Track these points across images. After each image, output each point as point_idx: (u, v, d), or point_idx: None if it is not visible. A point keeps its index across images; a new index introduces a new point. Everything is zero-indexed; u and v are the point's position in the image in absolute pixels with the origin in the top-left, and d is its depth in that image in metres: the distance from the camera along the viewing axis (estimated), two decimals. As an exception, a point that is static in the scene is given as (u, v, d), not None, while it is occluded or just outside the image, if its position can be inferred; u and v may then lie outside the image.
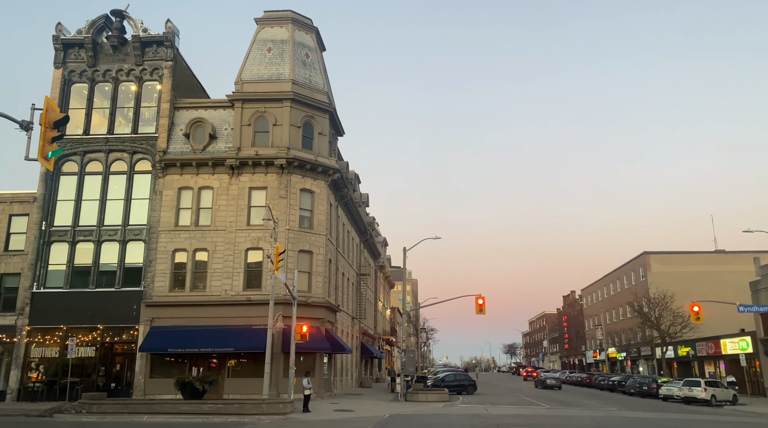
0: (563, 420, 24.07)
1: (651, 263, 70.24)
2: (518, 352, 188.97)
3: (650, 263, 70.27)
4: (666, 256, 70.67)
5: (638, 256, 73.81)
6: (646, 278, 69.31)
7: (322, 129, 36.20)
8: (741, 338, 48.09)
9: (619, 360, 79.82)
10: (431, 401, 33.04)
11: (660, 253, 71.39)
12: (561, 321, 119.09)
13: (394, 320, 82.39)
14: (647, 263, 70.60)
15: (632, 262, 76.01)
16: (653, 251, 71.64)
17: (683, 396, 38.10)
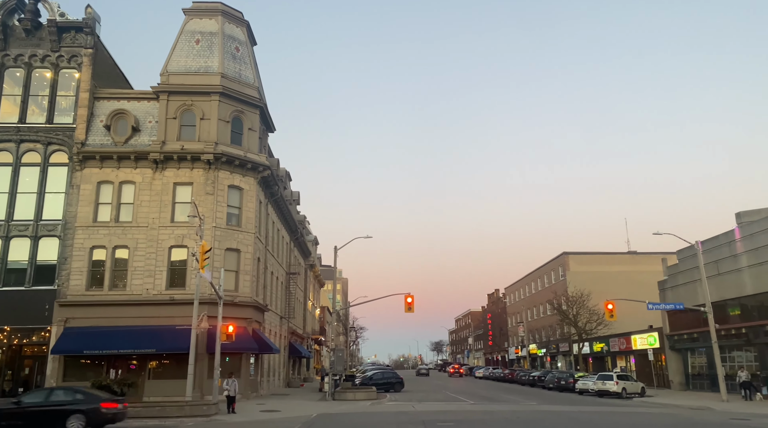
0: (487, 415, 24.83)
1: (570, 263, 73.63)
2: (445, 349, 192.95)
3: (569, 263, 73.65)
4: (583, 256, 74.28)
5: (558, 256, 77.15)
6: (565, 278, 72.56)
7: (252, 125, 35.53)
8: (649, 334, 51.30)
9: (540, 356, 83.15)
10: (359, 399, 33.18)
11: (578, 253, 74.95)
12: (486, 318, 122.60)
13: (324, 319, 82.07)
14: (566, 263, 73.95)
15: (552, 262, 79.35)
16: (572, 252, 75.12)
17: (597, 390, 40.21)
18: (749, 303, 39.26)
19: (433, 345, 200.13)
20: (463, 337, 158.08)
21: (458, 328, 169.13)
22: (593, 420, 23.37)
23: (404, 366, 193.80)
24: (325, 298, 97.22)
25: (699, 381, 44.78)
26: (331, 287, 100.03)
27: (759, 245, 37.95)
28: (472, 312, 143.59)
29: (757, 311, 38.48)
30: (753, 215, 40.44)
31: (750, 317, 38.98)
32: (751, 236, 38.90)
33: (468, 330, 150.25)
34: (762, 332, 37.27)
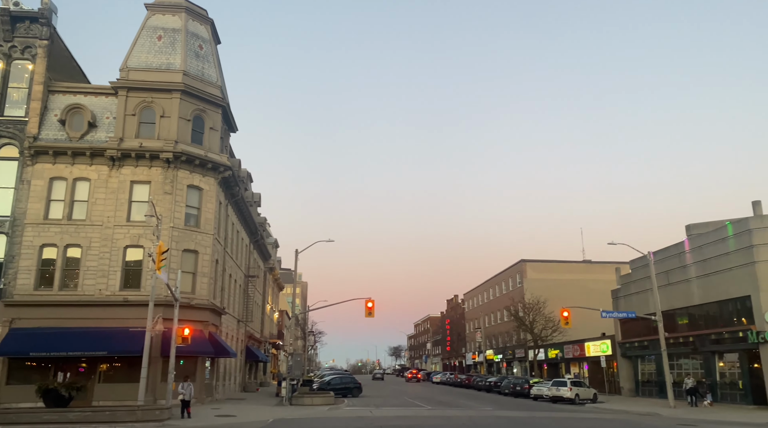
0: (444, 421, 24.99)
1: (527, 270, 74.99)
2: (403, 354, 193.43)
3: (526, 270, 75.01)
4: (540, 264, 75.78)
5: (516, 263, 78.47)
6: (522, 285, 73.82)
7: (214, 124, 34.98)
8: (602, 341, 52.64)
9: (496, 362, 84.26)
10: (317, 404, 32.93)
11: (535, 261, 76.42)
12: (444, 324, 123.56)
13: (282, 323, 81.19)
14: (524, 270, 75.28)
15: (511, 269, 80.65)
16: (529, 259, 76.54)
17: (551, 396, 40.99)
18: (696, 313, 40.76)
19: (392, 350, 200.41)
20: (422, 342, 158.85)
21: (417, 333, 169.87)
22: (547, 425, 23.79)
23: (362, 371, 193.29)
24: (284, 302, 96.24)
25: (648, 388, 46.16)
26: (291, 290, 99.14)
27: (706, 257, 39.46)
28: (432, 318, 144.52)
29: (703, 320, 39.97)
30: (702, 227, 42.04)
31: (697, 326, 40.45)
32: (700, 248, 40.42)
33: (427, 335, 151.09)
34: (708, 340, 38.71)
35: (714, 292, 38.46)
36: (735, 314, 36.87)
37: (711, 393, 36.87)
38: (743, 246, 35.99)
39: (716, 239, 38.83)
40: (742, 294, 35.75)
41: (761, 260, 34.70)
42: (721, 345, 37.72)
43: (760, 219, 35.96)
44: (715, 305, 38.72)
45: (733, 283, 36.59)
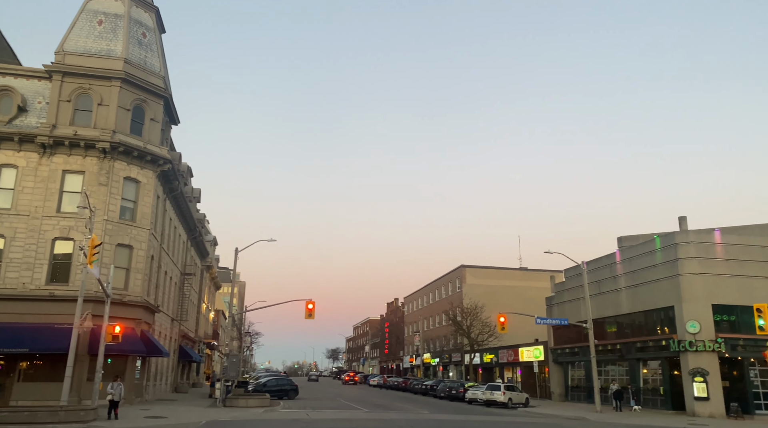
0: (381, 424, 25.01)
1: (466, 275, 76.34)
2: (341, 357, 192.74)
3: (466, 275, 76.35)
4: (480, 270, 77.32)
5: (456, 269, 79.73)
6: (461, 290, 75.07)
7: (155, 115, 33.80)
8: (535, 347, 54.18)
9: (433, 366, 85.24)
10: (252, 406, 32.28)
11: (475, 267, 77.90)
12: (383, 327, 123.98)
13: (218, 323, 79.27)
14: (463, 275, 76.60)
15: (450, 274, 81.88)
16: (469, 265, 77.95)
17: (486, 400, 41.81)
18: (624, 321, 42.61)
19: (330, 352, 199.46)
20: (360, 345, 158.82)
21: (356, 336, 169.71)
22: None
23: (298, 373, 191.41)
24: (220, 301, 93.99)
25: (577, 393, 47.83)
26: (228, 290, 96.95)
27: (636, 268, 41.34)
28: (371, 320, 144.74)
29: (630, 328, 41.83)
30: (632, 240, 44.01)
31: (624, 334, 42.28)
32: (630, 260, 42.29)
33: (365, 337, 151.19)
34: (634, 348, 40.52)
35: (641, 302, 40.32)
36: (659, 323, 38.76)
37: (634, 399, 38.58)
38: (669, 259, 37.91)
39: (645, 251, 40.75)
40: (667, 305, 37.62)
41: (685, 272, 36.66)
42: (645, 352, 39.55)
43: (685, 234, 37.98)
44: (641, 315, 40.59)
45: (659, 294, 38.47)
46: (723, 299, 36.16)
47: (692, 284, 36.38)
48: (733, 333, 35.76)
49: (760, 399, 35.60)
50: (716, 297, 36.15)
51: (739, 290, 36.11)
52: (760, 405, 35.40)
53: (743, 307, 35.02)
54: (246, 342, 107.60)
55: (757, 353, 34.50)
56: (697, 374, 34.69)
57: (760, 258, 37.08)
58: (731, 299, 36.12)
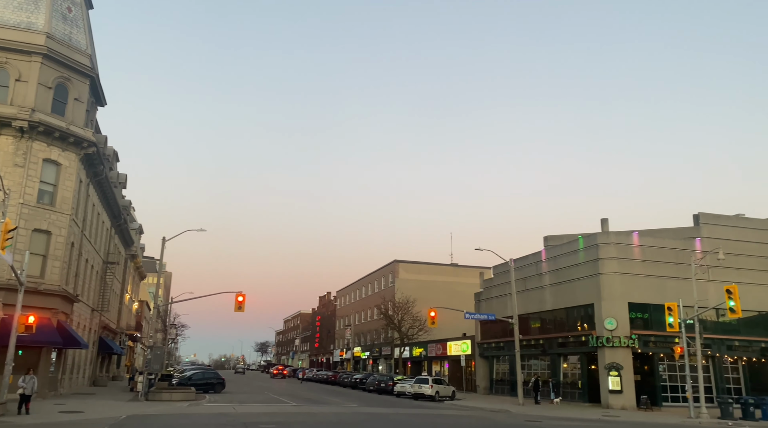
0: (310, 417, 24.91)
1: (399, 270, 77.20)
2: (270, 350, 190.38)
3: (399, 270, 77.21)
4: (412, 265, 78.40)
5: (389, 264, 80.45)
6: (394, 284, 75.86)
7: (80, 95, 32.04)
8: (463, 341, 55.54)
9: (363, 359, 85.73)
10: (176, 400, 31.35)
11: (407, 262, 78.92)
12: (315, 320, 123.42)
13: (142, 314, 76.32)
14: (396, 270, 77.42)
15: (384, 268, 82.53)
16: (402, 260, 78.87)
17: (414, 393, 42.48)
18: (547, 318, 44.40)
19: (259, 345, 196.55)
20: (291, 338, 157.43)
21: (286, 329, 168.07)
22: (408, 421, 24.61)
23: (225, 367, 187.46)
24: (145, 292, 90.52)
25: (501, 386, 49.45)
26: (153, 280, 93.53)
27: (560, 267, 43.12)
28: (302, 314, 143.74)
29: (553, 324, 43.64)
30: (558, 240, 45.87)
31: (547, 330, 44.07)
32: (554, 259, 44.07)
33: (296, 331, 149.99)
34: (555, 343, 42.30)
35: (564, 299, 42.13)
36: (580, 320, 40.64)
37: (554, 392, 40.31)
38: (591, 259, 39.79)
39: (569, 251, 42.57)
40: (587, 302, 39.50)
41: (605, 272, 38.60)
42: (566, 347, 41.38)
43: (606, 235, 39.97)
44: (563, 312, 42.42)
45: (580, 292, 40.31)
46: (638, 298, 38.34)
47: (611, 283, 38.34)
48: (646, 329, 38.00)
49: (667, 392, 38.07)
50: (632, 296, 38.28)
51: (652, 289, 38.38)
52: (667, 397, 37.85)
53: (656, 305, 37.25)
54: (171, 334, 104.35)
55: (666, 348, 36.81)
56: (613, 368, 36.65)
57: (672, 260, 39.53)
58: (645, 297, 38.34)
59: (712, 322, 39.22)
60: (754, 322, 40.45)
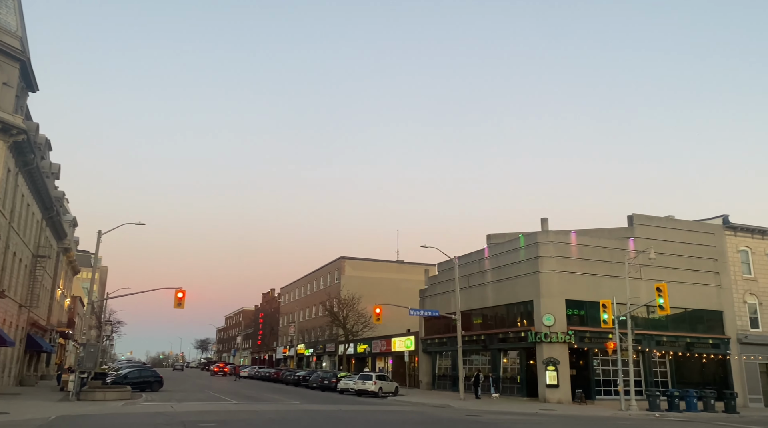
0: (250, 415, 24.51)
1: (345, 267, 77.10)
2: (210, 348, 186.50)
3: (345, 267, 77.09)
4: (359, 262, 78.45)
5: (335, 260, 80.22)
6: (340, 281, 75.70)
7: (9, 79, 30.30)
8: (407, 337, 56.05)
9: (307, 356, 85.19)
10: (110, 400, 30.19)
11: (354, 259, 78.91)
12: (258, 317, 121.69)
13: (74, 310, 73.11)
14: (342, 266, 77.28)
15: (330, 265, 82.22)
16: (348, 257, 78.79)
17: (357, 389, 42.53)
18: (489, 314, 45.38)
19: (199, 342, 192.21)
20: (232, 335, 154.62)
21: (228, 326, 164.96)
22: (351, 418, 24.61)
23: (163, 365, 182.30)
24: (78, 287, 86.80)
25: (443, 381, 50.20)
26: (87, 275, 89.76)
27: (501, 264, 44.13)
28: (245, 311, 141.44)
29: (494, 320, 44.63)
30: (500, 238, 46.90)
31: (488, 326, 45.04)
32: (497, 256, 45.06)
33: (238, 328, 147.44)
34: (496, 339, 43.28)
35: (505, 296, 43.16)
36: (520, 316, 41.73)
37: (494, 386, 41.28)
38: (531, 257, 40.91)
39: (511, 249, 43.63)
40: (527, 299, 40.60)
41: (544, 270, 39.76)
42: (506, 343, 42.42)
43: (545, 234, 41.18)
44: (504, 308, 43.45)
45: (520, 289, 41.39)
46: (575, 295, 39.71)
47: (549, 280, 39.55)
48: (582, 326, 39.40)
49: (600, 385, 39.62)
50: (569, 293, 39.62)
51: (589, 287, 39.83)
52: (600, 391, 39.40)
53: (591, 302, 38.66)
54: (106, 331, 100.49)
55: (600, 344, 38.29)
56: (550, 363, 37.84)
57: (607, 259, 41.12)
58: (582, 295, 39.75)
59: (642, 318, 41.06)
60: (681, 318, 42.63)
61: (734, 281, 44.79)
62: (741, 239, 46.24)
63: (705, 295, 43.47)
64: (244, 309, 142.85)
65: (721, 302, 43.94)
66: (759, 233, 46.93)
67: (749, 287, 45.27)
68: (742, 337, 43.45)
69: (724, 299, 44.03)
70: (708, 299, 43.56)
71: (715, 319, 43.76)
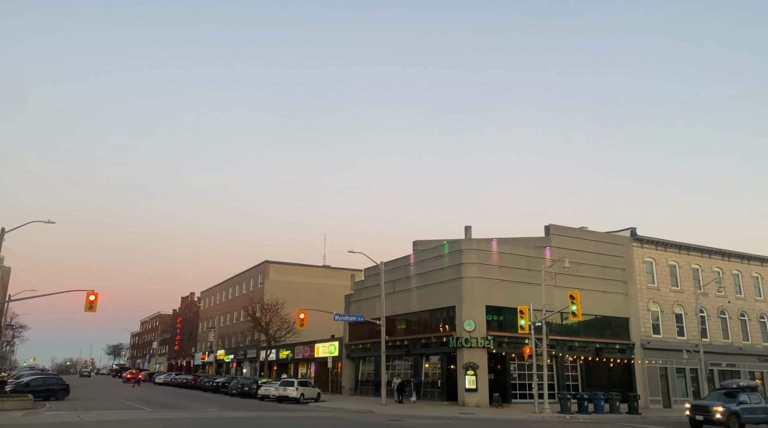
0: (165, 423, 23.60)
1: (270, 271, 75.85)
2: (124, 353, 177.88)
3: (269, 271, 75.84)
4: (283, 266, 77.39)
5: (260, 264, 78.76)
6: (263, 285, 74.36)
7: None
8: (331, 343, 55.85)
9: (227, 362, 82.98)
10: (9, 409, 28.13)
11: (278, 263, 77.76)
12: (176, 322, 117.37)
13: (-29, 313, 67.58)
14: (266, 271, 75.99)
15: (254, 269, 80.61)
16: (273, 261, 77.58)
17: (278, 396, 41.89)
18: (413, 319, 46.05)
19: (111, 348, 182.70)
20: (148, 341, 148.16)
21: (143, 331, 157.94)
22: (270, 424, 24.26)
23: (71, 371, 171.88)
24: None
25: (366, 387, 50.36)
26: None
27: (426, 270, 44.95)
28: (162, 315, 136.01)
29: (417, 326, 45.33)
30: (426, 244, 47.76)
31: (412, 331, 45.68)
32: (422, 262, 45.85)
33: (155, 333, 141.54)
34: (419, 344, 43.96)
35: (429, 301, 43.97)
36: (442, 321, 42.62)
37: (416, 391, 41.88)
38: (455, 264, 41.93)
39: (435, 255, 44.53)
40: (450, 305, 41.55)
41: (466, 276, 40.86)
42: (429, 348, 43.18)
43: (468, 242, 42.34)
44: (428, 313, 44.25)
45: (444, 295, 42.30)
46: (495, 301, 41.03)
47: (471, 286, 40.68)
48: (500, 331, 40.74)
49: (517, 389, 41.10)
50: (489, 299, 40.90)
51: (507, 293, 41.27)
52: (516, 394, 40.86)
53: (510, 308, 40.05)
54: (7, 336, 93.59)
55: (517, 349, 39.74)
56: (470, 368, 38.86)
57: (525, 267, 42.77)
58: (501, 301, 41.13)
59: (557, 324, 42.99)
60: (591, 325, 44.98)
61: (640, 290, 47.80)
62: (647, 251, 49.47)
63: (613, 303, 46.10)
64: (161, 314, 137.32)
65: (628, 310, 46.75)
66: (662, 245, 50.37)
67: (653, 296, 48.47)
68: (645, 342, 46.38)
69: (630, 307, 46.87)
70: (616, 306, 46.22)
71: (622, 325, 46.48)
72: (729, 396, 29.71)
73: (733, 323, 52.22)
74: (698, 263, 52.01)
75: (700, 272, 51.64)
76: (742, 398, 29.20)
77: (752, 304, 54.20)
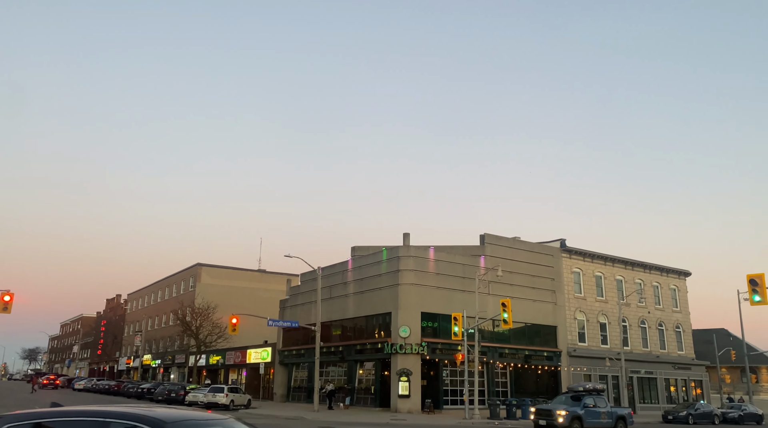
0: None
1: (202, 274, 73.69)
2: (40, 358, 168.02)
3: (201, 274, 73.67)
4: (216, 269, 75.38)
5: (191, 267, 76.40)
6: (195, 289, 72.14)
7: None
8: (264, 348, 54.81)
9: (153, 368, 79.88)
10: None
11: (211, 266, 75.67)
12: (100, 325, 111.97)
13: None
14: (198, 274, 73.78)
15: (185, 272, 78.11)
16: (205, 264, 75.42)
17: (207, 402, 40.62)
18: (349, 325, 45.90)
19: (27, 352, 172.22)
20: (68, 345, 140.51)
21: (63, 334, 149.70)
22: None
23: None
24: None
25: (298, 393, 49.69)
26: None
27: (364, 276, 44.95)
28: (85, 318, 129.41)
29: (353, 332, 45.22)
30: (364, 250, 47.79)
31: (347, 337, 45.52)
32: (360, 268, 45.82)
33: (76, 336, 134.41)
34: (354, 350, 43.83)
35: (365, 307, 43.96)
36: (378, 328, 42.69)
37: (349, 398, 41.69)
38: (392, 270, 42.15)
39: (373, 261, 44.61)
40: (386, 311, 41.69)
41: (403, 283, 41.15)
42: (363, 354, 43.12)
43: (406, 249, 42.69)
44: (363, 319, 44.23)
45: (380, 301, 42.41)
46: (430, 308, 41.50)
47: (408, 293, 40.99)
48: (435, 338, 41.22)
49: (449, 395, 41.67)
50: (425, 306, 41.33)
51: (443, 300, 41.85)
52: (448, 400, 41.43)
53: (444, 315, 40.63)
54: None
55: (450, 355, 40.33)
56: (403, 374, 39.08)
57: (460, 274, 43.55)
58: (436, 308, 41.65)
59: (489, 332, 43.94)
60: (521, 332, 46.28)
61: (567, 299, 49.65)
62: (575, 261, 51.48)
63: (543, 311, 47.63)
64: (84, 316, 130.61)
65: (556, 318, 48.43)
66: (589, 257, 52.58)
67: (579, 305, 50.46)
68: (571, 350, 48.16)
69: (558, 316, 48.57)
70: (545, 315, 47.78)
71: (550, 333, 48.07)
72: (575, 399, 29.81)
73: (652, 332, 55.12)
74: (622, 275, 54.61)
75: (624, 284, 54.25)
76: (587, 401, 29.31)
77: (669, 315, 57.40)
